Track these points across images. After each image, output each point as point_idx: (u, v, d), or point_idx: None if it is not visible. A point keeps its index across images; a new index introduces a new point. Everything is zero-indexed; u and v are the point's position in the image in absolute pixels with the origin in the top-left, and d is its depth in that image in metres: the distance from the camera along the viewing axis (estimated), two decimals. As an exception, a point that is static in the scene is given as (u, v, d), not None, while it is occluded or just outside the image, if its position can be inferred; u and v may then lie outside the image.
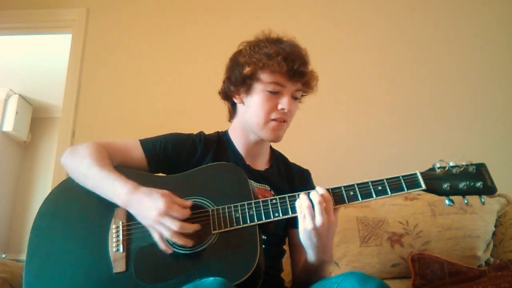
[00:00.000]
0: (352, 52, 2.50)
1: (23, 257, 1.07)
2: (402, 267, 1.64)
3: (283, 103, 1.15)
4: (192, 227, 0.98)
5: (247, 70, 1.16)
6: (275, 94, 1.16)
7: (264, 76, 1.16)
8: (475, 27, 2.48)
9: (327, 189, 1.00)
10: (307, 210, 0.96)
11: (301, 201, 0.98)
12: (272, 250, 1.15)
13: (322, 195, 0.97)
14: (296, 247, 1.25)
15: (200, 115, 2.34)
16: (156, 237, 0.99)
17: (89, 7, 2.74)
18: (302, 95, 1.25)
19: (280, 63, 1.12)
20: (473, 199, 0.99)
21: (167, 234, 0.97)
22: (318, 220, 0.95)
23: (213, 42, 2.55)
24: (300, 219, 0.98)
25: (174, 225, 0.96)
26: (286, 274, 1.32)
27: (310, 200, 0.97)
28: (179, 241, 0.97)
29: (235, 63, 1.22)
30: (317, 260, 1.04)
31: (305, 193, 1.00)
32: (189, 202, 1.02)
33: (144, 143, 1.21)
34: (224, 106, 1.32)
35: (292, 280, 1.28)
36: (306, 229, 0.96)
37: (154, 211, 0.96)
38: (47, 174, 4.37)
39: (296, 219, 1.00)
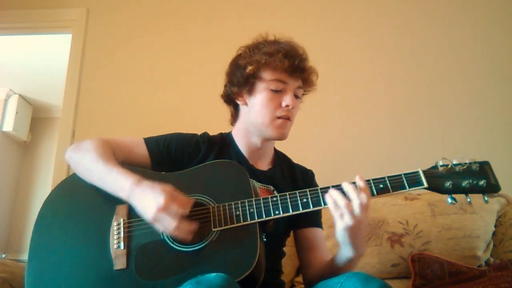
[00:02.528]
0: (352, 52, 2.50)
1: (23, 257, 1.08)
2: (402, 267, 1.64)
3: (287, 100, 1.16)
4: (188, 227, 0.98)
5: (249, 69, 1.17)
6: (278, 93, 1.17)
7: (266, 75, 1.17)
8: (474, 26, 2.48)
9: (353, 183, 0.97)
10: (345, 209, 0.92)
11: (336, 198, 0.95)
12: (271, 251, 1.14)
13: (362, 189, 0.94)
14: (307, 247, 1.23)
15: (200, 115, 2.35)
16: (160, 229, 1.00)
17: (89, 7, 2.74)
18: (303, 94, 1.26)
19: (281, 60, 1.14)
20: (476, 199, 0.99)
21: (165, 231, 0.99)
22: (358, 215, 0.92)
23: (213, 42, 2.55)
24: (337, 217, 0.94)
25: (171, 224, 0.96)
26: (286, 275, 1.31)
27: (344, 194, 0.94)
28: (179, 236, 0.97)
29: (235, 66, 1.23)
30: (356, 254, 1.00)
31: (336, 188, 0.97)
32: (191, 199, 1.02)
33: (148, 141, 1.22)
34: (224, 105, 1.32)
35: (304, 281, 1.24)
36: (347, 227, 0.93)
37: (153, 206, 0.96)
38: (47, 174, 4.37)
39: (301, 219, 0.99)
